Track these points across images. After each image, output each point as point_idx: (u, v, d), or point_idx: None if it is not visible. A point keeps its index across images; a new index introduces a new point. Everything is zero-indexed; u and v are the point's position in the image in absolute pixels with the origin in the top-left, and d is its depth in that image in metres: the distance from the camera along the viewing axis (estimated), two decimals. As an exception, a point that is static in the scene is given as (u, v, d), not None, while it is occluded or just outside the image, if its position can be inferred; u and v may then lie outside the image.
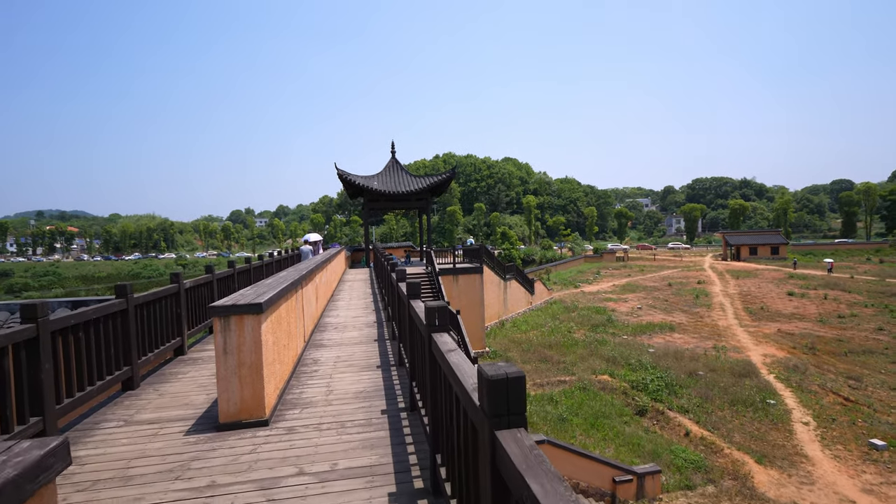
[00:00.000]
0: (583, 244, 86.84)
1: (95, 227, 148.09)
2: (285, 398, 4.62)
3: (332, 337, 7.29)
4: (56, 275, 79.93)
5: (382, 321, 8.61)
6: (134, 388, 5.02)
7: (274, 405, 4.20)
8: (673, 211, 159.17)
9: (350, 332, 7.59)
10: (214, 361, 3.86)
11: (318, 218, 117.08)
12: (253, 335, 3.84)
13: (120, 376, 4.78)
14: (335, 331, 7.77)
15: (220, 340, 3.79)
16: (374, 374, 5.29)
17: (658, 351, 24.05)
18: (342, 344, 6.83)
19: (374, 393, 4.67)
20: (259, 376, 3.87)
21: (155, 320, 5.69)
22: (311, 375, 5.34)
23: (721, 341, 26.27)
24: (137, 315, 5.22)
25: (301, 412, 4.22)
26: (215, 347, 3.79)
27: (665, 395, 18.24)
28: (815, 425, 16.22)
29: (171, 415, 4.26)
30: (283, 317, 4.94)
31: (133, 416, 4.23)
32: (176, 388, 5.10)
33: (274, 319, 4.42)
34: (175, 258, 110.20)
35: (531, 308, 36.73)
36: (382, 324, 8.29)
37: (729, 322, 31.16)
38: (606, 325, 30.42)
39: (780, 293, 40.49)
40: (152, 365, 5.83)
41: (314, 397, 4.61)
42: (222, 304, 3.76)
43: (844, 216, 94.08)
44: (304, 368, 5.64)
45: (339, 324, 8.34)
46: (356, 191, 24.32)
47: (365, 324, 8.33)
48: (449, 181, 24.79)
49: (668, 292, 43.51)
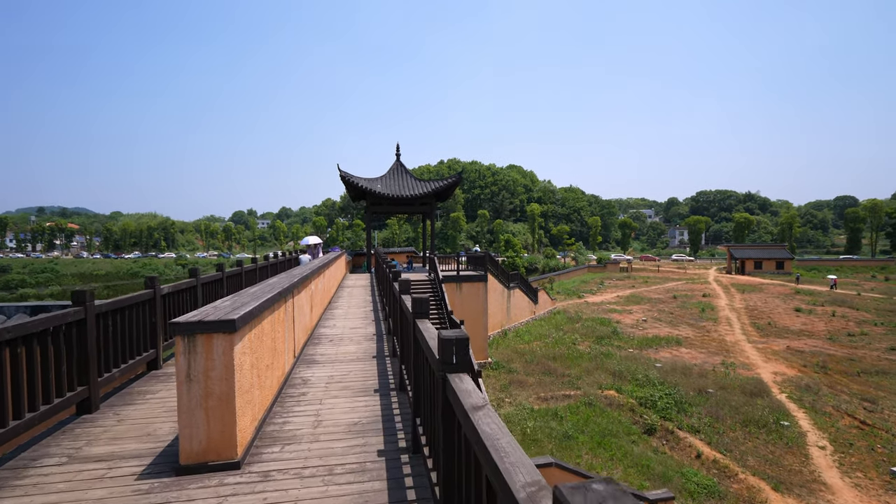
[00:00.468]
0: (586, 254, 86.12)
1: (96, 225, 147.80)
2: (265, 430, 3.92)
3: (326, 352, 6.59)
4: (54, 272, 79.33)
5: (382, 333, 7.92)
6: (91, 411, 4.33)
7: (250, 441, 3.51)
8: (676, 223, 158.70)
9: (347, 347, 6.90)
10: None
11: (320, 221, 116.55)
12: (224, 358, 3.15)
13: (72, 398, 4.10)
14: (330, 344, 7.08)
15: (182, 364, 3.10)
16: (372, 401, 4.59)
17: (665, 366, 23.27)
18: (337, 360, 6.13)
19: (371, 426, 3.97)
20: (230, 408, 3.18)
21: (123, 331, 5.00)
22: (298, 400, 4.64)
23: (729, 357, 25.49)
24: (100, 326, 4.54)
25: (282, 450, 3.53)
26: (177, 373, 3.11)
27: (674, 414, 17.46)
28: (831, 450, 15.42)
29: (127, 449, 3.56)
30: (268, 332, 4.26)
31: (80, 451, 3.54)
32: (141, 411, 4.41)
33: (254, 337, 3.73)
34: (175, 258, 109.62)
35: (534, 318, 35.98)
36: (382, 337, 7.60)
37: (736, 337, 30.37)
38: (611, 337, 29.65)
39: (787, 309, 39.72)
40: (119, 382, 5.14)
41: (299, 430, 3.91)
42: (186, 320, 3.08)
43: (849, 232, 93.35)
44: (292, 391, 4.94)
45: (335, 336, 7.65)
46: (359, 193, 23.71)
47: (363, 336, 7.63)
48: (454, 186, 24.17)
49: (673, 305, 42.74)
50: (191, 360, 3.10)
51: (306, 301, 7.04)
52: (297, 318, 6.12)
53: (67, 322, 4.03)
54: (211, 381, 3.14)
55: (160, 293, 5.73)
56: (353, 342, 7.19)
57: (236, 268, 9.25)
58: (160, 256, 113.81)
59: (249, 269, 10.18)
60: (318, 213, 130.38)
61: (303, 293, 6.63)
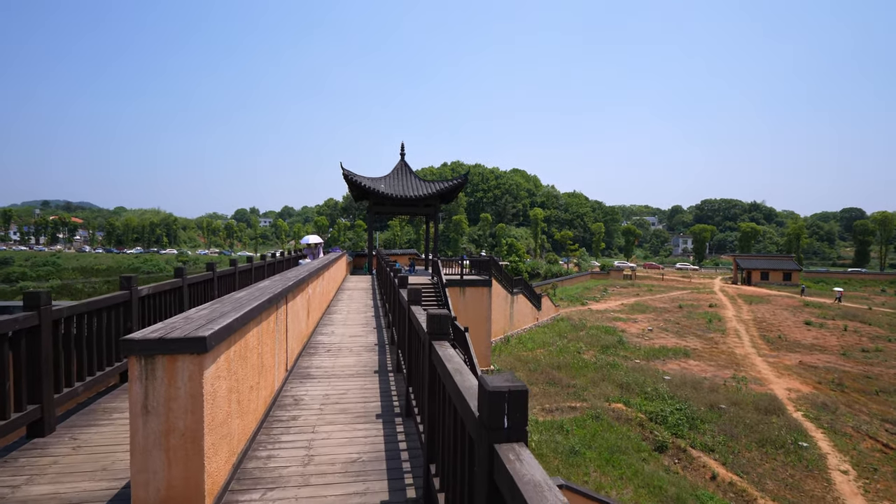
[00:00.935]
0: (589, 260, 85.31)
1: (100, 220, 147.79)
2: (245, 466, 3.26)
3: (322, 364, 5.93)
4: (55, 265, 78.96)
5: (385, 343, 7.25)
6: (45, 433, 3.68)
7: (223, 485, 2.85)
8: (680, 231, 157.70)
9: (345, 359, 6.23)
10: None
11: (322, 221, 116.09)
12: (191, 386, 2.50)
13: (20, 420, 3.45)
14: (327, 355, 6.42)
15: (137, 392, 2.45)
16: (373, 429, 3.93)
17: (674, 379, 22.51)
18: (334, 376, 5.47)
19: (373, 465, 3.30)
20: (197, 448, 2.52)
21: (90, 339, 4.36)
22: (287, 426, 3.98)
23: (740, 371, 24.70)
24: (59, 333, 3.89)
25: (261, 498, 2.86)
26: (130, 403, 2.46)
27: (686, 430, 16.71)
28: (854, 475, 14.64)
29: (74, 491, 2.91)
30: (254, 346, 3.61)
31: (15, 492, 2.89)
32: (104, 435, 3.76)
33: (235, 355, 3.08)
34: (176, 254, 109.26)
35: (537, 324, 35.25)
36: (385, 348, 6.93)
37: (746, 350, 29.56)
38: (617, 346, 28.89)
39: (797, 322, 38.86)
40: (85, 396, 4.48)
41: (286, 468, 3.25)
42: (143, 337, 2.43)
43: (858, 245, 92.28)
44: (281, 413, 4.28)
45: (333, 345, 6.99)
46: (362, 193, 23.09)
47: (364, 346, 6.97)
48: (460, 188, 23.54)
49: (679, 314, 41.93)
50: (148, 388, 2.45)
51: (302, 306, 6.38)
52: (292, 326, 5.47)
53: (15, 329, 3.39)
54: (174, 413, 2.48)
55: (138, 294, 5.09)
56: (353, 353, 6.53)
57: (229, 267, 8.60)
58: (162, 252, 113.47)
59: (244, 269, 9.54)
60: (320, 213, 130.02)
61: (298, 298, 5.98)
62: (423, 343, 2.93)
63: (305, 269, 7.11)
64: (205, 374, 2.54)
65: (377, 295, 14.11)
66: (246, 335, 3.39)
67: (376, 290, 15.07)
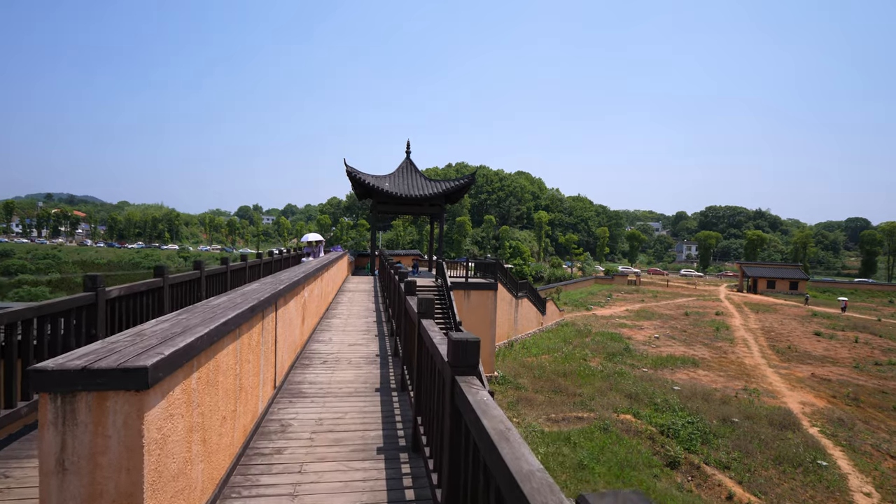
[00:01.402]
0: (594, 265, 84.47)
1: (102, 214, 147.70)
2: (210, 523, 2.57)
3: (316, 379, 5.25)
4: (55, 258, 78.58)
5: (387, 353, 6.58)
6: (-31, 467, 3.01)
7: (177, 557, 2.16)
8: (684, 237, 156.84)
9: (343, 373, 5.55)
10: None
11: (324, 219, 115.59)
12: (126, 435, 1.82)
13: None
14: (323, 367, 5.74)
15: (50, 443, 1.78)
16: (375, 469, 3.23)
17: (684, 389, 21.75)
18: (330, 394, 4.78)
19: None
20: (135, 518, 1.84)
21: (40, 349, 3.69)
22: (270, 463, 3.29)
23: (751, 383, 23.92)
24: (-4, 344, 3.23)
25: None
26: (40, 456, 1.78)
27: (699, 445, 15.95)
28: (878, 497, 13.87)
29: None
30: (228, 368, 2.93)
31: None
32: (45, 469, 3.08)
33: (198, 384, 2.40)
34: (178, 250, 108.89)
35: (541, 329, 34.52)
36: (388, 360, 6.25)
37: (756, 361, 28.77)
38: (624, 354, 28.12)
39: (806, 332, 38.04)
40: (32, 418, 3.81)
41: (263, 527, 2.56)
42: (59, 367, 1.75)
43: (865, 255, 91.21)
44: (264, 443, 3.59)
45: (330, 355, 6.30)
46: (365, 191, 22.44)
47: (364, 358, 6.28)
48: (467, 188, 22.86)
49: (685, 322, 41.14)
50: (66, 438, 1.78)
51: (297, 312, 5.71)
52: (283, 336, 4.80)
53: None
54: (102, 471, 1.81)
55: (105, 297, 4.42)
56: (352, 365, 5.84)
57: (220, 266, 7.93)
58: (163, 248, 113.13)
59: (237, 268, 8.87)
60: (322, 212, 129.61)
61: (292, 303, 5.31)
62: (442, 378, 2.23)
63: (302, 271, 6.44)
64: (147, 416, 1.86)
65: (379, 298, 13.44)
66: (217, 355, 2.71)
67: (378, 293, 14.39)
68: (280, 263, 13.40)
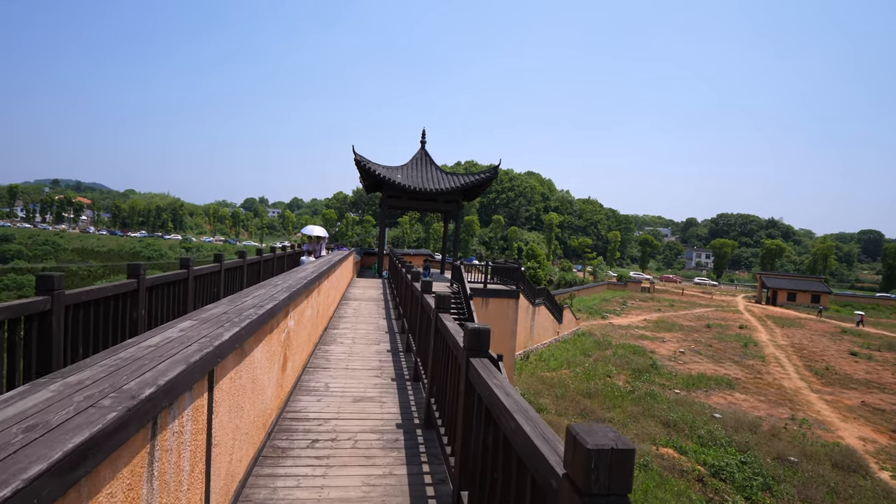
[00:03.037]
0: (606, 269, 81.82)
1: (108, 201, 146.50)
2: None
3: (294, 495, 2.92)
4: (55, 245, 76.86)
5: (412, 414, 4.27)
6: None
7: None
8: (694, 244, 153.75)
9: (339, 475, 3.22)
10: None
11: (330, 214, 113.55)
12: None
13: None
14: (309, 454, 3.41)
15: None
16: None
17: (726, 417, 19.33)
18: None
19: None
20: None
21: None
22: None
23: (797, 410, 21.45)
24: None
25: None
26: None
27: (759, 493, 13.56)
28: None
29: None
30: None
31: None
32: None
33: None
34: (181, 240, 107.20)
35: (557, 339, 32.16)
36: (415, 432, 3.93)
37: (795, 384, 26.26)
38: (651, 371, 25.70)
39: (841, 351, 35.47)
40: None
41: None
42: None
43: (886, 269, 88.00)
44: None
45: (322, 425, 3.94)
46: (375, 183, 20.15)
47: (378, 427, 3.94)
48: (488, 183, 20.52)
49: (708, 335, 38.62)
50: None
51: (268, 361, 3.39)
52: (239, 409, 2.50)
53: None
54: None
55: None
56: (358, 451, 3.50)
57: (179, 272, 5.64)
58: (166, 237, 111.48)
59: (205, 273, 6.54)
60: (328, 206, 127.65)
61: (259, 351, 2.99)
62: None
63: (287, 287, 4.12)
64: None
65: (391, 310, 11.11)
66: None
67: (390, 303, 12.06)
68: (272, 265, 11.09)
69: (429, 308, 3.99)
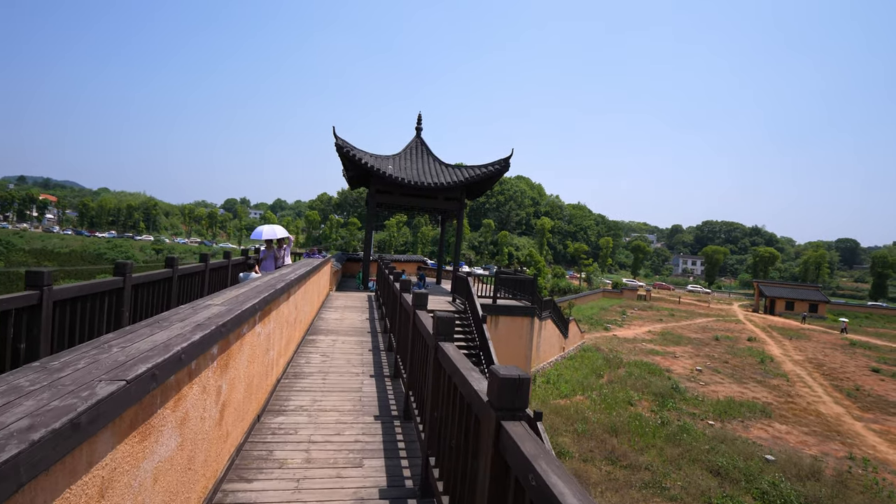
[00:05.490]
0: (600, 276, 79.31)
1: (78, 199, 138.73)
2: None
3: None
4: (9, 245, 70.76)
5: None
6: None
7: None
8: (680, 250, 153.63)
9: None
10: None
11: (313, 215, 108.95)
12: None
13: None
14: None
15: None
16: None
17: (780, 459, 16.20)
18: None
19: None
20: None
21: None
22: None
23: (852, 446, 18.50)
24: None
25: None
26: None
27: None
28: None
29: None
30: None
31: None
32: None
33: None
34: (153, 241, 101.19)
35: (563, 355, 28.88)
36: None
37: (832, 409, 23.45)
38: (674, 396, 22.54)
39: (860, 367, 33.14)
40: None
41: None
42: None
43: (876, 277, 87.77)
44: None
45: None
46: (360, 174, 16.59)
47: None
48: (497, 177, 17.11)
49: (720, 350, 35.91)
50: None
51: None
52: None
53: None
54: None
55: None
56: None
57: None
58: (137, 238, 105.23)
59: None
60: (312, 208, 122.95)
61: None
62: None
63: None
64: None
65: (384, 349, 7.49)
66: None
67: (379, 337, 8.40)
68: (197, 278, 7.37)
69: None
